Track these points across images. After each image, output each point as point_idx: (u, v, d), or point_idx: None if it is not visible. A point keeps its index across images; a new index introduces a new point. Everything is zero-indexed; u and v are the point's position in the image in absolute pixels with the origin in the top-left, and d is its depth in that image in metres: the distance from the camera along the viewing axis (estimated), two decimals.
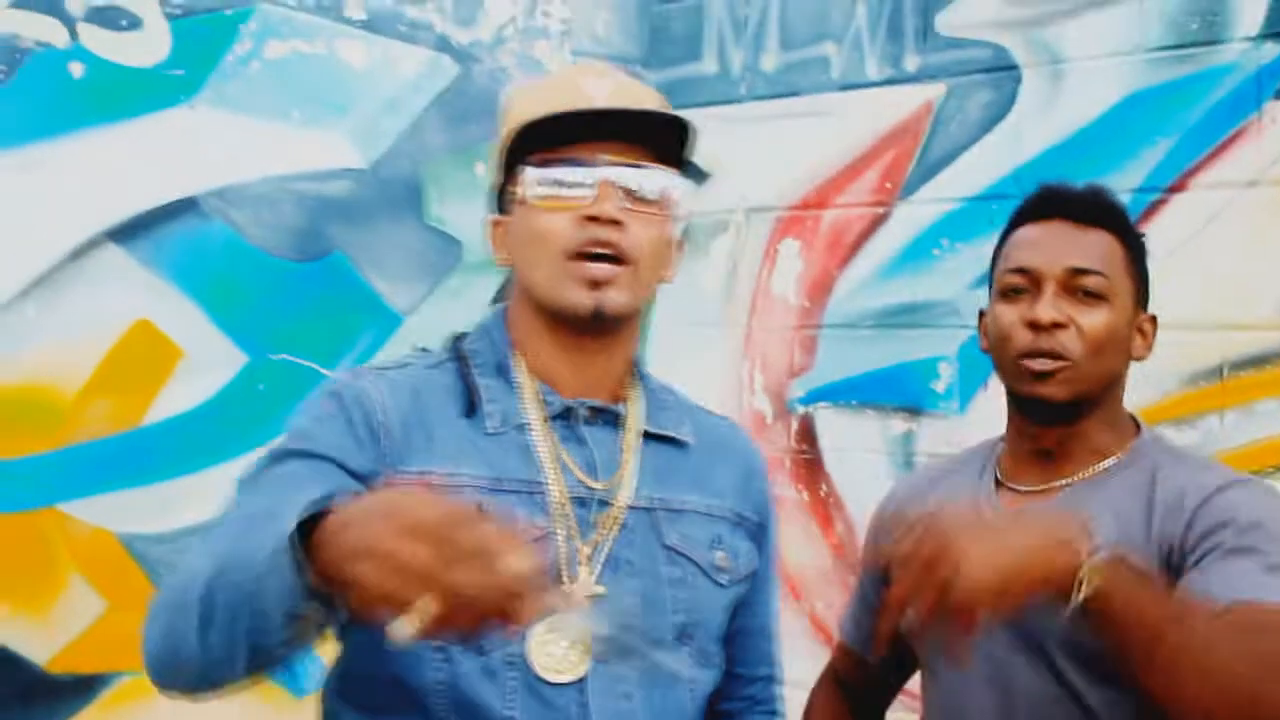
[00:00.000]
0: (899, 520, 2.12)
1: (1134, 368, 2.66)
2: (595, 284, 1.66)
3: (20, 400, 2.52)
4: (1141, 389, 2.70)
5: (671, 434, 1.79)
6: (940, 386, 3.06)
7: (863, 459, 3.24)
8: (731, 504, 1.82)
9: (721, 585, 1.77)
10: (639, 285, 1.71)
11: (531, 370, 1.74)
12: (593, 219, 1.66)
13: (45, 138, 2.59)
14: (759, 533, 1.86)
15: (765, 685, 1.91)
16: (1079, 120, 2.86)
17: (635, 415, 1.78)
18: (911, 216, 3.14)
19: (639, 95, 1.74)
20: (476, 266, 3.32)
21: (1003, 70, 2.98)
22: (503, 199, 1.77)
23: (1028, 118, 2.94)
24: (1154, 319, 1.98)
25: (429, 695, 1.61)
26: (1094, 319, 1.90)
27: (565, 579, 1.65)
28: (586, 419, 1.73)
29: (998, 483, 2.01)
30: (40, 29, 2.57)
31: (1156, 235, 2.70)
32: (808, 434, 3.32)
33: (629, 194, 1.68)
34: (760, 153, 3.43)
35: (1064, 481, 1.95)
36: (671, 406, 1.83)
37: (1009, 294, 1.95)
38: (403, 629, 1.19)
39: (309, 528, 1.29)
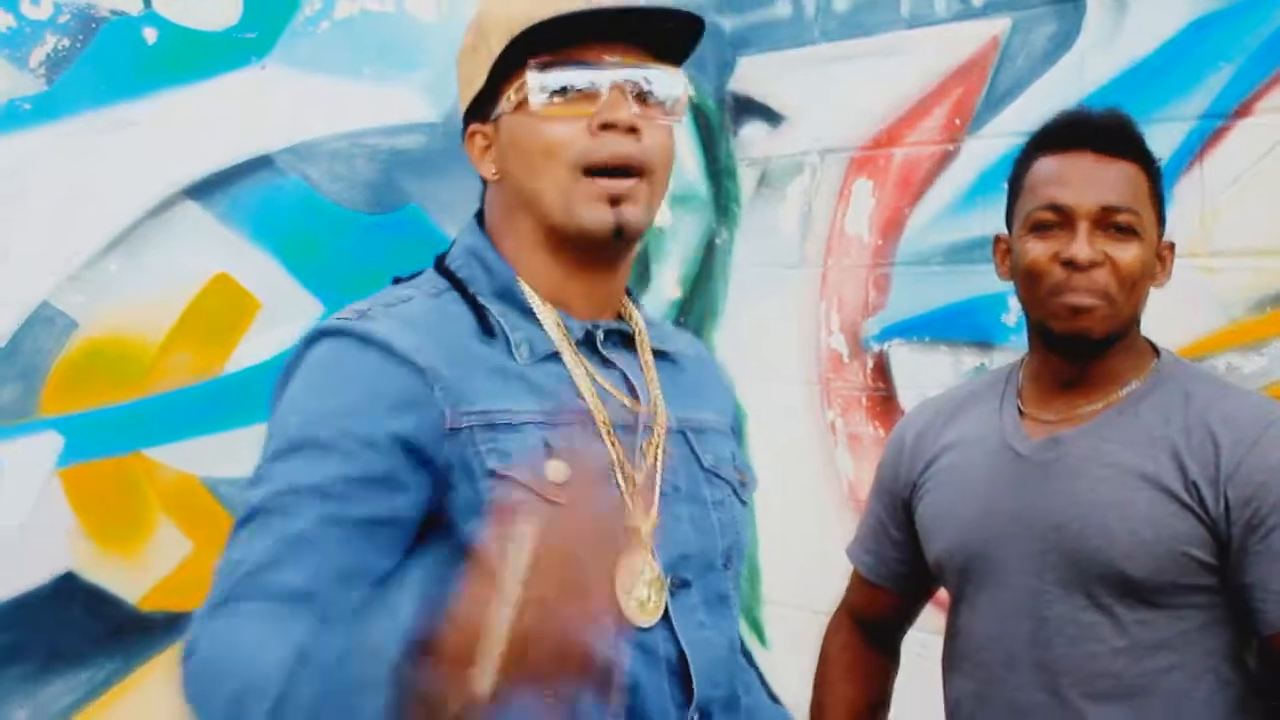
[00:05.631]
0: (917, 450, 2.13)
1: (1201, 294, 2.65)
2: (614, 200, 1.51)
3: (107, 352, 2.61)
4: (1209, 315, 2.68)
5: (670, 350, 1.69)
6: (1010, 320, 3.04)
7: None
8: (728, 418, 1.75)
9: (744, 502, 1.69)
10: (655, 198, 1.56)
11: (541, 294, 1.58)
12: (607, 126, 1.51)
13: (122, 101, 2.66)
14: (741, 443, 1.81)
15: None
16: (1143, 49, 2.83)
17: (642, 333, 1.66)
18: (980, 152, 3.12)
19: None
20: None
21: (1067, 1, 2.95)
22: (483, 107, 1.59)
23: (1092, 48, 2.91)
24: (1172, 246, 1.97)
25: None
26: (1128, 254, 1.88)
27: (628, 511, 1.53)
28: (603, 342, 1.60)
29: (1020, 412, 2.01)
30: None
31: (1222, 162, 2.68)
32: (883, 372, 3.33)
33: (639, 98, 1.53)
34: (834, 93, 3.44)
35: (1090, 408, 1.94)
36: (655, 322, 1.72)
37: (1039, 229, 1.93)
38: None
39: None
